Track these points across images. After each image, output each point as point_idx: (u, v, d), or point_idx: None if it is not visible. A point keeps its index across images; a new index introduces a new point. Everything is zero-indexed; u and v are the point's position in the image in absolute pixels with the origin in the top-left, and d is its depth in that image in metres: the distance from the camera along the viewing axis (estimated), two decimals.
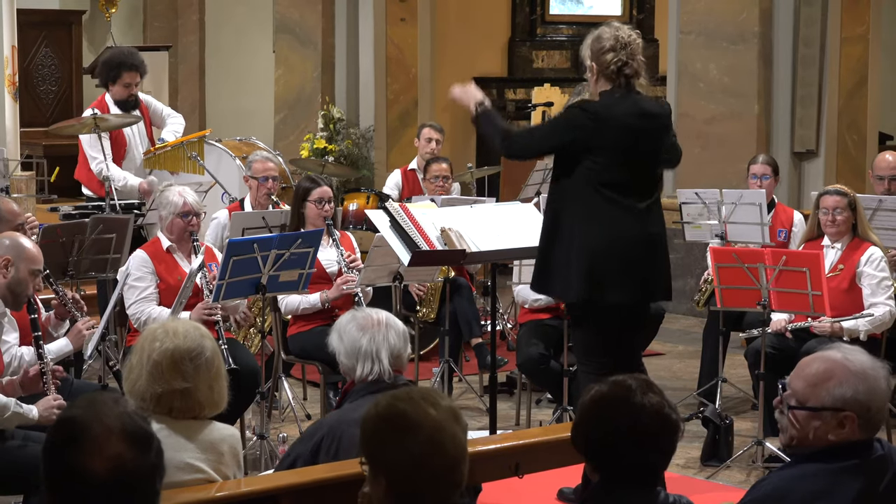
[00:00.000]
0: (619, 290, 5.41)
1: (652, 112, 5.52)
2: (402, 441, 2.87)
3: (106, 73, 8.52)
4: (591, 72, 5.49)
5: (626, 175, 5.42)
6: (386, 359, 4.12)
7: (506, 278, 7.64)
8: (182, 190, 6.60)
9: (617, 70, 5.42)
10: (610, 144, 5.36)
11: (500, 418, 6.43)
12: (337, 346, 4.19)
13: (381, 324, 4.16)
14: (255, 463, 6.42)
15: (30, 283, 5.13)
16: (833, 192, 6.98)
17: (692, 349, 8.85)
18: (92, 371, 7.25)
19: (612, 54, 5.41)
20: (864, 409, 3.24)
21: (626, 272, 5.42)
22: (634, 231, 5.44)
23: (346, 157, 11.95)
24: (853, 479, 3.26)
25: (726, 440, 6.57)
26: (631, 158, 5.42)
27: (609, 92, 5.46)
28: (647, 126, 5.45)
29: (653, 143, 5.50)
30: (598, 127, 5.36)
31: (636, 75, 5.46)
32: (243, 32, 14.13)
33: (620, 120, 5.38)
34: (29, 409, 4.92)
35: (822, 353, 3.36)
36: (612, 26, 5.52)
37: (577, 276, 5.38)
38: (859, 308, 6.79)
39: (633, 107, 5.43)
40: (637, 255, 5.44)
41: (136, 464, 2.52)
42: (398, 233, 5.56)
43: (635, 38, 5.49)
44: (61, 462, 2.52)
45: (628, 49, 5.43)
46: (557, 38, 14.58)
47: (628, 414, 3.19)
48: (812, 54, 10.09)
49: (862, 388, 3.25)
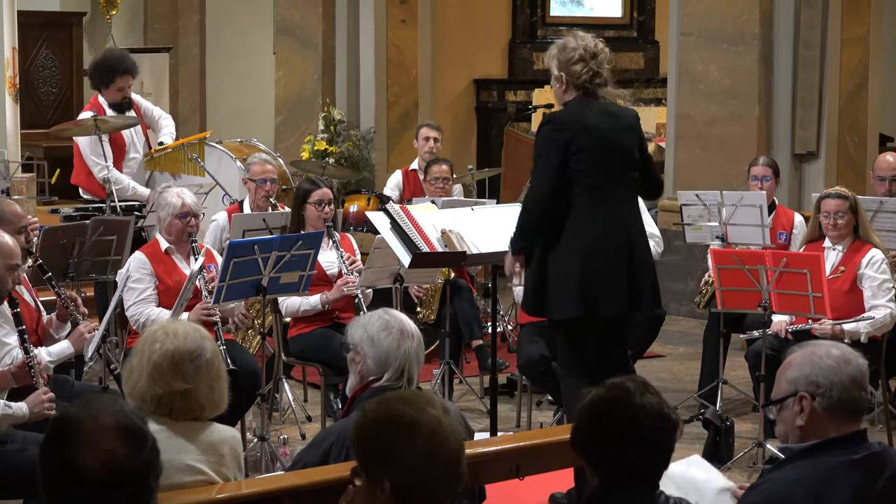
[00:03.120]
0: (609, 302, 5.44)
1: (617, 113, 5.58)
2: (407, 441, 2.87)
3: (99, 78, 8.49)
4: (560, 82, 5.54)
5: (605, 178, 5.44)
6: (416, 373, 4.15)
7: (506, 280, 7.64)
8: (180, 191, 6.60)
9: (588, 80, 5.49)
10: (584, 147, 5.41)
11: (501, 420, 6.44)
12: (366, 349, 4.15)
13: (413, 336, 4.17)
14: (256, 464, 6.42)
15: (7, 278, 5.08)
16: (834, 196, 6.98)
17: (693, 351, 8.85)
18: (92, 373, 7.25)
19: (582, 64, 5.49)
20: (814, 386, 3.30)
21: (614, 282, 5.44)
22: (619, 237, 5.46)
23: (347, 158, 11.95)
24: (849, 475, 3.28)
25: (727, 442, 6.57)
26: (606, 161, 5.45)
27: (575, 100, 5.53)
28: (613, 125, 5.50)
29: (623, 142, 5.54)
30: (572, 132, 5.40)
31: (605, 84, 5.53)
32: (244, 34, 14.13)
33: (589, 122, 5.45)
34: (19, 407, 4.92)
35: None
36: (576, 36, 5.61)
37: (571, 291, 5.40)
38: (860, 310, 6.79)
39: (598, 110, 5.51)
40: (622, 262, 5.46)
41: (130, 460, 2.54)
42: (398, 234, 5.56)
43: (602, 47, 5.59)
44: (56, 459, 2.54)
45: (598, 59, 5.51)
46: (558, 39, 14.56)
47: (628, 415, 3.20)
48: (812, 56, 10.08)
49: (809, 369, 3.34)
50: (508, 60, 14.33)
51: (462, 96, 13.92)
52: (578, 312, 5.42)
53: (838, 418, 3.31)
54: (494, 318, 6.58)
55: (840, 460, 3.28)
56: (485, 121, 13.99)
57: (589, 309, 5.42)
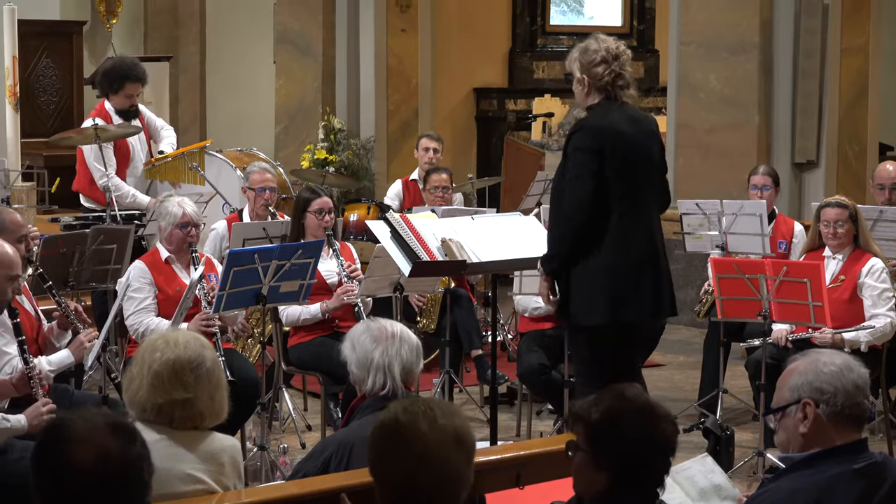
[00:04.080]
0: (635, 309, 5.43)
1: (640, 118, 5.58)
2: (393, 455, 2.87)
3: (108, 84, 8.50)
4: (582, 84, 5.51)
5: (633, 185, 5.43)
6: (398, 374, 4.10)
7: (506, 289, 7.63)
8: (181, 200, 6.60)
9: (611, 82, 5.46)
10: (616, 153, 5.39)
11: (501, 429, 6.42)
12: (349, 356, 4.16)
13: (395, 337, 4.13)
14: (256, 474, 6.40)
15: (7, 288, 5.07)
16: (834, 205, 6.97)
17: (693, 360, 8.84)
18: (92, 382, 7.24)
19: (605, 66, 5.45)
20: (818, 393, 3.29)
21: (641, 289, 5.44)
22: (646, 244, 5.46)
23: (347, 167, 11.96)
24: (850, 485, 3.27)
25: (727, 451, 6.56)
26: (634, 167, 5.44)
27: (600, 104, 5.50)
28: (638, 131, 5.49)
29: (649, 148, 5.54)
30: (603, 138, 5.38)
31: (627, 86, 5.50)
32: (244, 43, 14.14)
33: (618, 127, 5.42)
34: (17, 419, 4.91)
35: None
36: (598, 39, 5.56)
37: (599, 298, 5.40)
38: (860, 319, 6.78)
39: (623, 115, 5.48)
40: (649, 269, 5.46)
41: (123, 453, 2.57)
42: (399, 243, 5.55)
43: (624, 48, 5.55)
44: (50, 460, 2.56)
45: (619, 60, 5.48)
46: (558, 48, 14.58)
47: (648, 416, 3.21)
48: (812, 65, 10.09)
49: (812, 376, 3.32)
50: (508, 69, 14.34)
51: (462, 105, 13.93)
52: (606, 320, 5.42)
53: (842, 426, 3.30)
54: (494, 328, 6.58)
55: (841, 470, 3.28)
56: (485, 130, 14.00)
57: (615, 316, 5.41)
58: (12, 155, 9.65)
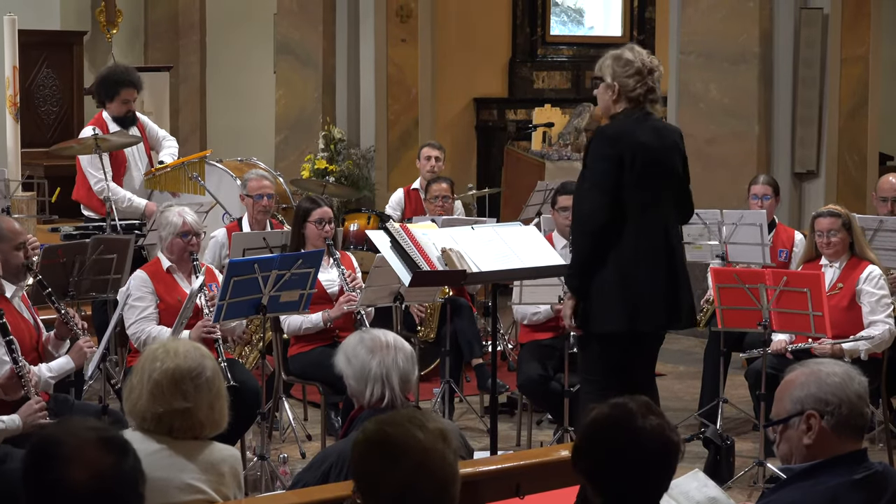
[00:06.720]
0: (650, 317, 5.44)
1: (664, 129, 5.60)
2: (391, 467, 2.86)
3: (104, 91, 8.52)
4: (612, 91, 5.49)
5: (652, 196, 5.43)
6: (397, 383, 4.08)
7: (506, 298, 7.63)
8: (182, 210, 6.60)
9: (643, 94, 5.47)
10: (635, 164, 5.39)
11: (501, 439, 6.41)
12: (345, 369, 4.13)
13: (390, 346, 4.11)
14: (256, 484, 6.40)
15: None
16: (826, 214, 6.97)
17: (693, 370, 8.84)
18: (92, 391, 7.24)
19: (638, 78, 5.46)
20: (822, 404, 3.28)
21: (655, 298, 5.44)
22: (663, 255, 5.46)
23: (347, 177, 11.97)
24: (851, 496, 3.26)
25: (727, 461, 6.55)
26: (653, 179, 5.44)
27: (626, 113, 5.49)
28: (661, 143, 5.50)
29: (670, 159, 5.54)
30: (623, 147, 5.39)
31: (657, 101, 5.55)
32: (244, 53, 14.16)
33: (639, 138, 5.42)
34: (11, 420, 4.91)
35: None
36: (633, 50, 5.55)
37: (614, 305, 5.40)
38: (859, 326, 6.79)
39: (648, 126, 5.49)
40: (664, 279, 5.46)
41: (117, 469, 2.54)
42: (399, 253, 5.55)
43: (657, 63, 5.56)
44: (42, 481, 2.52)
45: (654, 75, 5.48)
46: (558, 58, 14.60)
47: (629, 437, 3.17)
48: (812, 75, 10.10)
49: (815, 387, 3.31)
50: (508, 79, 14.35)
51: (462, 115, 13.94)
52: (620, 327, 5.41)
53: (844, 436, 3.29)
54: (494, 337, 6.56)
55: (842, 481, 3.27)
56: (485, 139, 14.00)
57: (631, 324, 5.41)
58: (12, 165, 9.66)
